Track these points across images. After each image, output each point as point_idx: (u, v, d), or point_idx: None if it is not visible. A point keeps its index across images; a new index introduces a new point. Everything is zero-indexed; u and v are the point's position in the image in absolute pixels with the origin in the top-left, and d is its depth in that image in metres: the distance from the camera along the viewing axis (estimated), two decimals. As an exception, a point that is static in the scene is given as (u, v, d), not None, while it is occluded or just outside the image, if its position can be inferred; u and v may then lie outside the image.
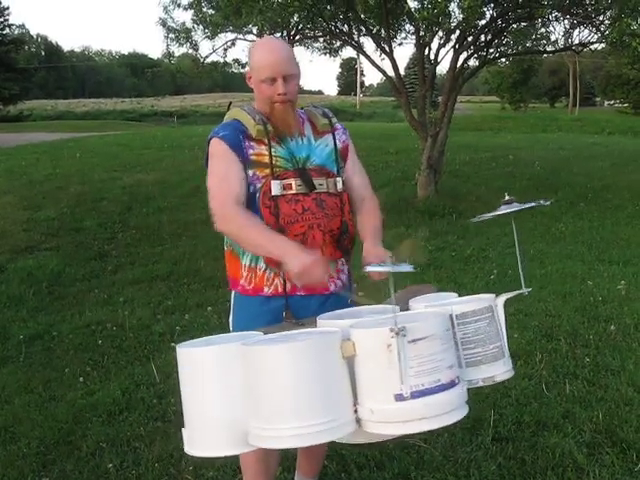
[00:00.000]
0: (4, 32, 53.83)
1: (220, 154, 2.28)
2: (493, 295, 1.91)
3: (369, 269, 1.97)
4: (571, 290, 5.94)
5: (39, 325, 5.58)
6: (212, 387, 1.68)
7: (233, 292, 2.43)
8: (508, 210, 1.93)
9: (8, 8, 53.18)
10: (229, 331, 2.43)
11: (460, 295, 2.09)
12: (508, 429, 3.38)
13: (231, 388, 1.64)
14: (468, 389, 1.74)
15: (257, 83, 2.28)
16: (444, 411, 1.57)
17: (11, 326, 5.58)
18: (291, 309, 2.28)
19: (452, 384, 1.60)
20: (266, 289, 2.31)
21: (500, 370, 1.84)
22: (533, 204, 1.95)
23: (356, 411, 1.62)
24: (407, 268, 1.78)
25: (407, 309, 1.97)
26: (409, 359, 1.54)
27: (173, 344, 4.90)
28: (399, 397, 1.54)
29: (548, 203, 2.02)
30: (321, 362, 1.57)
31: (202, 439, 1.72)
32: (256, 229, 2.17)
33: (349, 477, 3.04)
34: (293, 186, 2.27)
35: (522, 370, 4.15)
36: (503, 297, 1.88)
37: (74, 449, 3.45)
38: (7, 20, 54.03)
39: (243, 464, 2.51)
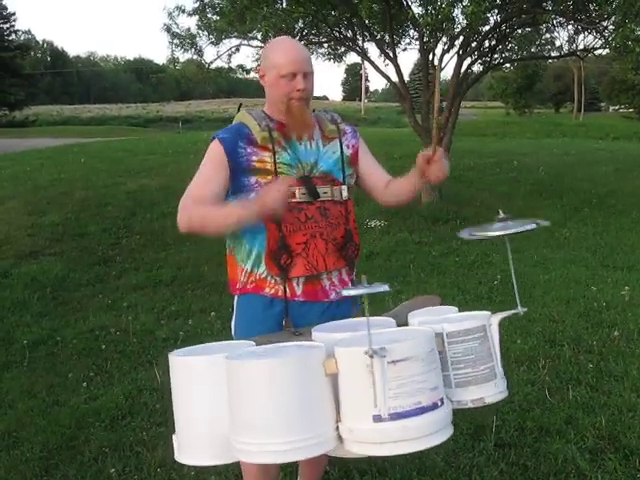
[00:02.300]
0: (10, 38, 54.14)
1: (212, 157, 2.30)
2: (488, 313, 1.85)
3: (344, 293, 1.70)
4: (575, 296, 5.93)
5: (43, 330, 5.59)
6: (196, 397, 1.68)
7: (235, 297, 2.41)
8: (503, 232, 1.85)
9: (14, 14, 53.55)
10: (231, 336, 2.44)
11: (461, 308, 2.07)
12: (510, 435, 3.38)
13: (215, 399, 1.63)
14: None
15: (275, 79, 2.26)
16: (423, 434, 1.54)
17: (15, 331, 5.60)
18: (291, 316, 2.28)
19: (434, 406, 1.56)
20: (267, 289, 2.31)
21: (491, 392, 1.78)
22: (530, 227, 1.86)
23: (338, 428, 1.59)
24: (383, 287, 1.62)
25: (406, 323, 1.95)
26: (388, 380, 1.50)
27: (177, 349, 4.90)
28: (377, 418, 1.51)
29: (547, 223, 1.93)
30: (300, 379, 1.55)
31: (188, 447, 1.73)
32: (212, 211, 2.21)
33: (351, 483, 3.04)
34: (296, 194, 2.25)
35: (525, 376, 4.15)
36: (498, 316, 1.82)
37: (77, 454, 3.46)
38: (13, 26, 54.40)
39: (244, 471, 2.51)
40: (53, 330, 5.59)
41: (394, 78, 11.15)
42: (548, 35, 12.63)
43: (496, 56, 12.10)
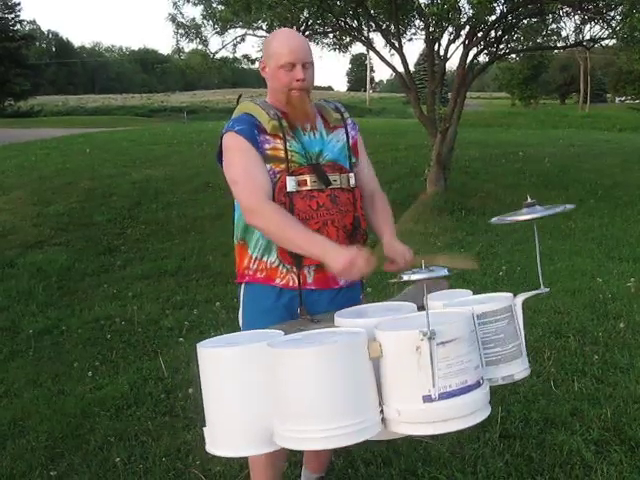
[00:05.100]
0: (15, 28, 54.02)
1: (238, 147, 2.25)
2: (510, 294, 1.91)
3: (405, 277, 1.82)
4: (580, 287, 5.92)
5: (48, 320, 5.60)
6: (234, 388, 1.68)
7: (243, 285, 2.40)
8: (531, 216, 1.85)
9: (19, 4, 53.35)
10: (238, 327, 2.43)
11: (474, 293, 2.10)
12: (516, 426, 3.38)
13: (253, 389, 1.64)
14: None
15: (274, 70, 2.26)
16: (470, 411, 1.60)
17: (21, 320, 5.61)
18: (304, 304, 2.28)
19: (478, 384, 1.63)
20: (278, 280, 2.30)
21: (519, 369, 1.87)
22: (558, 209, 1.89)
23: (382, 411, 1.62)
24: (442, 272, 1.74)
25: (422, 306, 1.96)
26: (438, 361, 1.55)
27: (181, 339, 4.92)
28: (427, 398, 1.56)
29: (573, 206, 1.96)
30: (350, 364, 1.57)
31: (224, 439, 1.72)
32: (293, 228, 2.14)
33: (356, 473, 3.04)
34: (308, 182, 2.26)
35: (530, 367, 4.14)
36: (522, 296, 1.89)
37: (82, 443, 3.47)
38: (18, 16, 54.25)
39: (251, 462, 2.51)
40: (58, 320, 5.61)
41: (400, 68, 11.11)
42: (554, 25, 12.55)
43: (502, 46, 12.03)
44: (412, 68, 13.32)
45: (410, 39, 12.23)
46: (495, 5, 9.45)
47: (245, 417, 1.67)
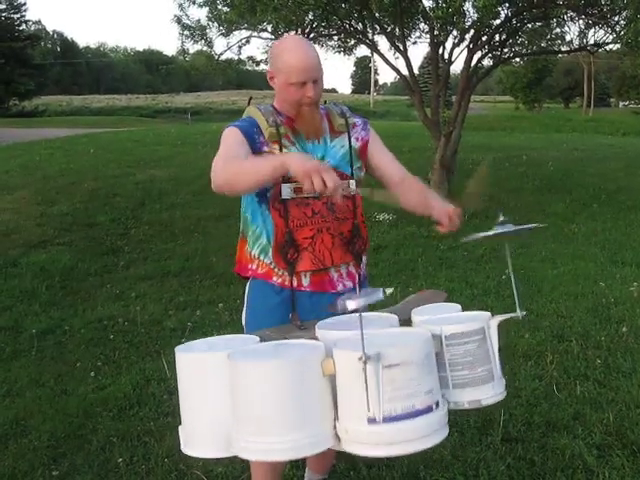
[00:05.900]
0: (21, 28, 54.21)
1: (231, 139, 2.25)
2: (488, 314, 1.85)
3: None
4: (583, 291, 5.92)
5: (51, 319, 5.61)
6: (199, 392, 1.70)
7: (249, 280, 2.41)
8: (500, 231, 1.87)
9: (25, 4, 53.52)
10: (241, 327, 2.44)
11: (469, 302, 2.09)
12: (518, 429, 3.38)
13: (217, 395, 1.65)
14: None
15: (284, 85, 2.25)
16: (417, 436, 1.55)
17: (23, 320, 5.62)
18: (299, 308, 2.28)
19: (428, 409, 1.57)
20: (275, 278, 2.32)
21: (488, 394, 1.78)
22: (527, 227, 1.89)
23: (336, 427, 1.61)
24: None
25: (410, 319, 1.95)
26: (383, 384, 1.51)
27: (184, 340, 4.91)
28: (371, 420, 1.53)
29: (543, 226, 1.98)
30: (299, 380, 1.56)
31: (193, 439, 1.74)
32: (249, 160, 2.13)
33: (358, 475, 3.04)
34: (303, 189, 2.27)
35: (533, 371, 4.14)
36: (497, 319, 1.82)
37: (84, 443, 3.47)
38: (24, 16, 54.46)
39: (252, 466, 2.51)
40: (61, 319, 5.61)
41: (404, 71, 11.12)
42: (558, 30, 12.55)
43: (506, 50, 12.04)
44: (416, 71, 13.31)
45: (415, 42, 12.21)
46: (500, 9, 9.46)
47: (210, 420, 1.68)
